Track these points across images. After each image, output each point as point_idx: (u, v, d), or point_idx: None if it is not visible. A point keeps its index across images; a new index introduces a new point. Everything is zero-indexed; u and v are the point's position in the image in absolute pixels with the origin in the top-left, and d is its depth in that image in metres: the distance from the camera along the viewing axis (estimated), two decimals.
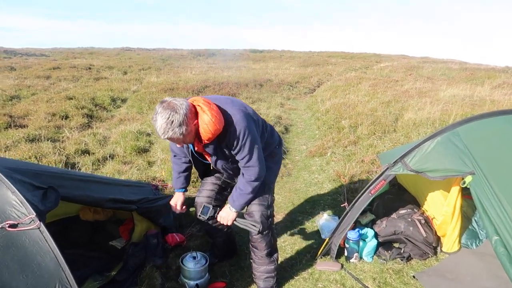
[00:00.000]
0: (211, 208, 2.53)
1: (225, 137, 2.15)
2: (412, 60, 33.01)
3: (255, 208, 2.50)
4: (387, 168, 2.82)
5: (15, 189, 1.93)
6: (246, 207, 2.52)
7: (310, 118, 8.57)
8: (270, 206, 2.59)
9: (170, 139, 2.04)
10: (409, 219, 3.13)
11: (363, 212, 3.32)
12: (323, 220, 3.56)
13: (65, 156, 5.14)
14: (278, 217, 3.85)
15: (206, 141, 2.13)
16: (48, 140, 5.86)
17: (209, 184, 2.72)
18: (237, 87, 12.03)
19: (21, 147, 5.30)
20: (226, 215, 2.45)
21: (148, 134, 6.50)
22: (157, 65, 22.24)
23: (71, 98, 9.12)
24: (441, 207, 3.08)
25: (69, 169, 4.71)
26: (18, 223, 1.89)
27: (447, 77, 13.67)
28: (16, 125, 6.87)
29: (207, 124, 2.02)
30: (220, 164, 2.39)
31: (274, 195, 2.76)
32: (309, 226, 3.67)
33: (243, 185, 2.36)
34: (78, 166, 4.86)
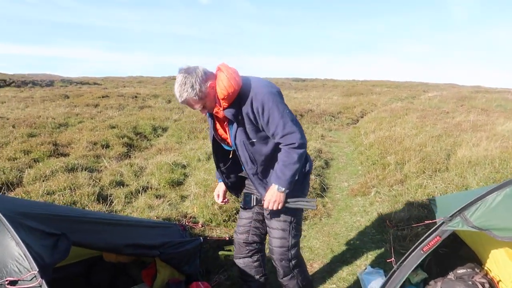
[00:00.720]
0: (253, 196, 2.23)
1: (248, 103, 2.01)
2: (462, 89, 31.65)
3: (276, 245, 2.31)
4: (443, 223, 2.42)
5: (20, 239, 1.76)
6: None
7: (353, 152, 8.15)
8: (294, 246, 2.35)
9: (187, 102, 2.00)
10: (470, 282, 2.67)
11: (414, 268, 2.90)
12: (366, 273, 3.15)
13: (99, 188, 5.08)
14: (315, 265, 3.48)
15: (222, 101, 2.00)
16: (86, 170, 5.86)
17: (244, 220, 2.52)
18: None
19: (58, 177, 5.31)
20: (274, 197, 2.11)
21: (184, 166, 6.37)
22: None
23: (114, 127, 9.30)
24: (510, 268, 2.61)
25: (101, 201, 4.63)
26: (19, 280, 1.70)
27: (503, 109, 12.76)
28: (58, 154, 7.00)
29: (223, 81, 1.97)
30: (240, 139, 2.11)
31: (312, 239, 2.47)
32: (350, 279, 3.27)
33: (286, 154, 2.07)
34: (110, 199, 4.77)
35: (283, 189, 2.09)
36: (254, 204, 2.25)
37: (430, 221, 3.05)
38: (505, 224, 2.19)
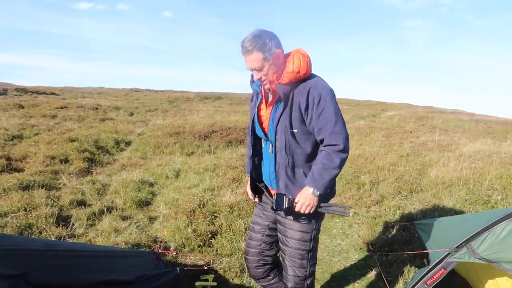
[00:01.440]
0: (286, 197, 2.04)
1: (305, 91, 1.97)
2: (417, 109, 32.90)
3: (292, 273, 2.21)
4: (448, 254, 2.27)
5: None
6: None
7: None
8: (310, 276, 2.26)
9: (251, 57, 1.93)
10: None
11: None
12: None
13: (58, 208, 4.61)
14: None
15: (287, 74, 1.95)
16: (43, 188, 5.35)
17: (254, 242, 2.42)
18: (245, 133, 11.65)
19: (11, 196, 4.78)
20: (308, 200, 1.99)
21: (151, 184, 5.98)
22: (164, 107, 22.15)
23: (74, 140, 8.70)
24: None
25: (61, 224, 4.17)
26: None
27: (462, 130, 13.26)
28: (12, 169, 6.38)
29: (300, 59, 1.95)
30: (283, 124, 2.02)
31: None
32: None
33: (328, 157, 1.97)
34: (71, 221, 4.32)
35: (318, 192, 1.98)
36: (286, 206, 2.05)
37: (422, 251, 2.92)
38: None
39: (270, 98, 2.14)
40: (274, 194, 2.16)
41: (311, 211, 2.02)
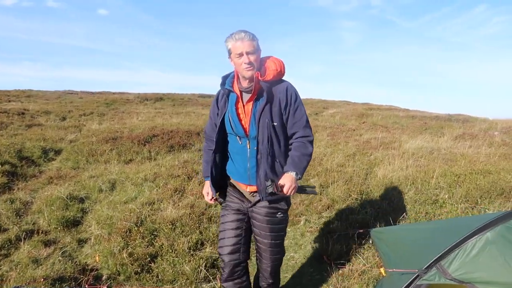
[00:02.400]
0: (269, 183, 2.18)
1: (283, 88, 2.28)
2: (356, 106, 33.98)
3: (270, 261, 2.52)
4: (417, 276, 2.03)
5: None
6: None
7: None
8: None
9: (250, 44, 2.17)
10: None
11: None
12: None
13: None
14: None
15: (270, 71, 2.23)
16: None
17: (232, 239, 2.48)
18: (188, 136, 11.11)
19: None
20: (292, 183, 2.24)
21: (82, 200, 5.33)
22: (101, 110, 20.80)
23: None
24: None
25: None
26: None
27: (401, 126, 13.68)
28: None
29: (278, 59, 2.30)
30: (264, 118, 2.24)
31: None
32: None
33: (304, 146, 2.32)
34: None
35: (299, 176, 2.27)
36: (275, 191, 2.17)
37: (384, 270, 2.68)
38: (491, 278, 1.86)
39: (247, 96, 2.31)
40: (248, 189, 2.43)
41: (292, 193, 2.26)
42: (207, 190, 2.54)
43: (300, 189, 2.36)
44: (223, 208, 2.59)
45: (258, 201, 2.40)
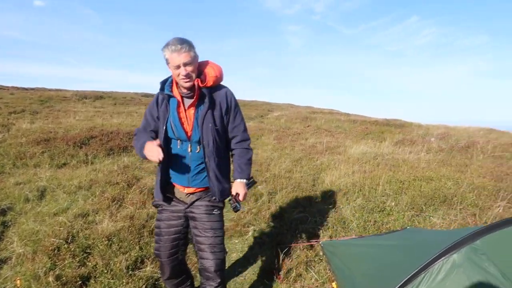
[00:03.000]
0: (232, 201, 2.37)
1: (223, 93, 2.36)
2: (300, 109, 34.70)
3: (212, 257, 2.46)
4: None
5: None
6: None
7: None
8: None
9: (188, 54, 2.16)
10: None
11: None
12: None
13: None
14: None
15: (210, 78, 2.28)
16: None
17: (167, 233, 2.53)
18: (130, 137, 10.51)
19: None
20: (244, 189, 2.42)
21: (3, 212, 4.72)
22: (34, 107, 19.26)
23: None
24: None
25: None
26: None
27: (343, 130, 14.02)
28: None
29: (216, 65, 2.35)
30: (208, 122, 2.30)
31: None
32: None
33: (246, 152, 2.49)
34: None
35: (248, 181, 2.46)
36: (238, 206, 2.37)
37: (336, 285, 2.54)
38: None
39: (189, 101, 2.34)
40: (185, 191, 2.48)
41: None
42: (152, 149, 2.23)
43: (248, 187, 2.51)
44: (159, 211, 2.61)
45: (195, 201, 2.48)
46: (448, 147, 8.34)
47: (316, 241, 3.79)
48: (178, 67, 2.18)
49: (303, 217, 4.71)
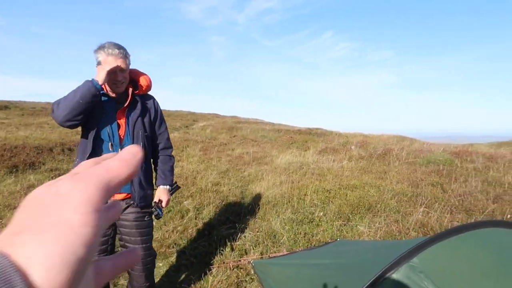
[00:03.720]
0: (155, 209, 2.45)
1: (152, 101, 2.50)
2: (225, 119, 34.70)
3: (143, 257, 2.54)
4: None
5: None
6: None
7: None
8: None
9: (125, 61, 2.19)
10: None
11: None
12: None
13: None
14: None
15: (141, 86, 2.38)
16: None
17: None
18: (38, 152, 9.49)
19: None
20: (167, 195, 2.53)
21: None
22: None
23: None
24: None
25: None
26: None
27: (269, 139, 14.14)
28: None
29: (145, 77, 2.41)
30: (138, 128, 2.35)
31: None
32: None
33: (169, 159, 2.59)
34: None
35: (170, 187, 2.56)
36: (160, 210, 2.47)
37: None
38: None
39: (118, 105, 2.34)
40: (114, 197, 2.28)
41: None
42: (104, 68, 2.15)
43: (170, 194, 2.59)
44: None
45: (126, 208, 2.42)
46: (367, 154, 8.74)
47: (246, 260, 3.59)
48: (114, 72, 2.16)
49: (233, 233, 4.49)
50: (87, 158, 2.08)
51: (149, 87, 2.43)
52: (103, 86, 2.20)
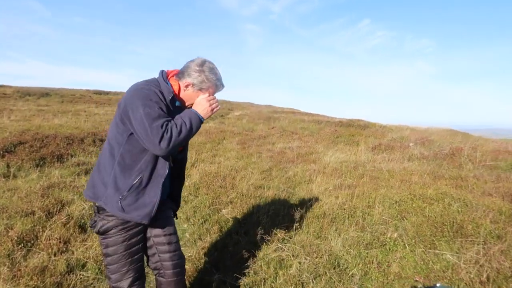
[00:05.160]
0: None
1: None
2: (259, 108, 33.80)
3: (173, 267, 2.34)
4: None
5: None
6: None
7: None
8: None
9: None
10: None
11: None
12: None
13: None
14: None
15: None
16: None
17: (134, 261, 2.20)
18: (68, 143, 8.94)
19: None
20: None
21: None
22: None
23: None
24: None
25: None
26: None
27: (311, 132, 13.08)
28: None
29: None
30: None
31: None
32: None
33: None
34: None
35: None
36: None
37: None
38: None
39: None
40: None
41: None
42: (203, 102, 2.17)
43: None
44: (110, 235, 2.14)
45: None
46: (431, 154, 7.55)
47: None
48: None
49: (284, 257, 3.57)
50: (150, 172, 2.05)
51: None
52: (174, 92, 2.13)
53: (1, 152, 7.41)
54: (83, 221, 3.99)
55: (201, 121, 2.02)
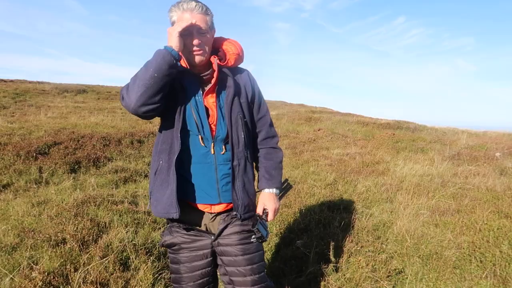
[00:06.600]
0: (259, 225, 1.73)
1: (246, 75, 1.82)
2: (293, 107, 32.59)
3: None
4: None
5: None
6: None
7: None
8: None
9: (200, 17, 1.61)
10: None
11: None
12: None
13: None
14: None
15: (231, 56, 1.71)
16: None
17: (192, 281, 1.82)
18: (105, 144, 8.24)
19: None
20: (277, 204, 1.84)
21: None
22: (4, 101, 16.89)
23: None
24: None
25: None
26: None
27: (364, 136, 11.92)
28: None
29: (233, 44, 1.75)
30: (236, 112, 1.70)
31: None
32: None
33: (276, 152, 1.90)
34: None
35: (279, 192, 1.87)
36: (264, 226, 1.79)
37: None
38: None
39: (208, 85, 1.72)
40: (212, 210, 1.78)
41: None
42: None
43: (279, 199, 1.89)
44: (174, 251, 1.83)
45: (224, 228, 1.77)
46: None
47: None
48: (190, 34, 1.60)
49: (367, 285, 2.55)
50: (176, 158, 1.65)
51: (240, 56, 1.74)
52: (181, 62, 1.68)
53: (34, 154, 6.77)
54: (125, 253, 3.11)
55: (166, 50, 1.55)
